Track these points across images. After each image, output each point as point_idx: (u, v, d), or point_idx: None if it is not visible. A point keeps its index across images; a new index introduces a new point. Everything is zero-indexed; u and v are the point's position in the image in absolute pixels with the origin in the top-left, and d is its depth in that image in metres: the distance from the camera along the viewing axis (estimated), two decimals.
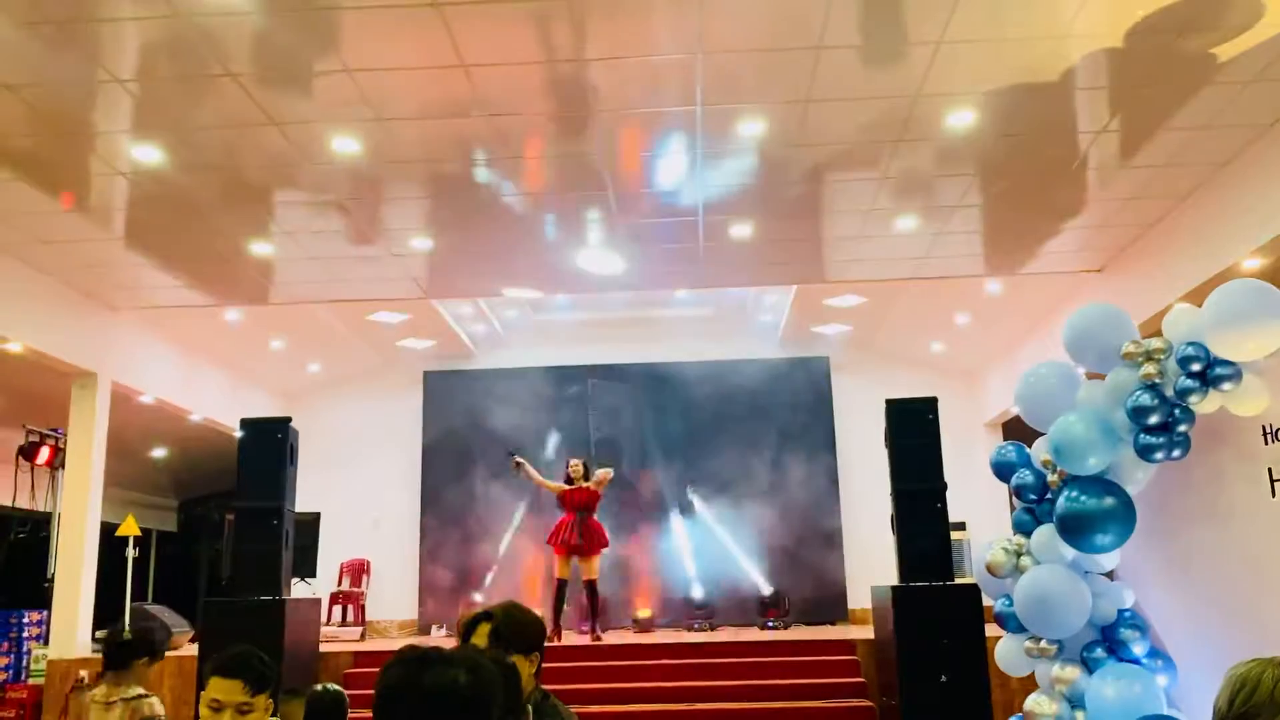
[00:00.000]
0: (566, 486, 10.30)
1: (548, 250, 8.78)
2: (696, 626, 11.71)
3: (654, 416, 13.29)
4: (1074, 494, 4.54)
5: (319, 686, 4.34)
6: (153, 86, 5.79)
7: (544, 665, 2.97)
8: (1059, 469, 4.70)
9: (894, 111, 6.33)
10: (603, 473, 10.42)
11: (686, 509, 12.98)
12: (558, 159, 6.96)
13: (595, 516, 10.25)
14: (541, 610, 11.56)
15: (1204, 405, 4.33)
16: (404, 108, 6.13)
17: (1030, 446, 5.19)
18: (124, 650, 4.84)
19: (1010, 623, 5.07)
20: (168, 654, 8.55)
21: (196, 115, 6.12)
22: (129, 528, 8.46)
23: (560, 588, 10.12)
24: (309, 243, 8.34)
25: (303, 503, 8.87)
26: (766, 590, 12.17)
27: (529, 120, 6.36)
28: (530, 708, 2.78)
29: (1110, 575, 5.02)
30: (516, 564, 12.75)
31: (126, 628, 8.52)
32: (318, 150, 6.64)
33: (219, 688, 2.89)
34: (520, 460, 10.51)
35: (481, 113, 6.18)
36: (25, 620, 9.49)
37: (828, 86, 5.99)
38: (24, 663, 9.30)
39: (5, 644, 9.30)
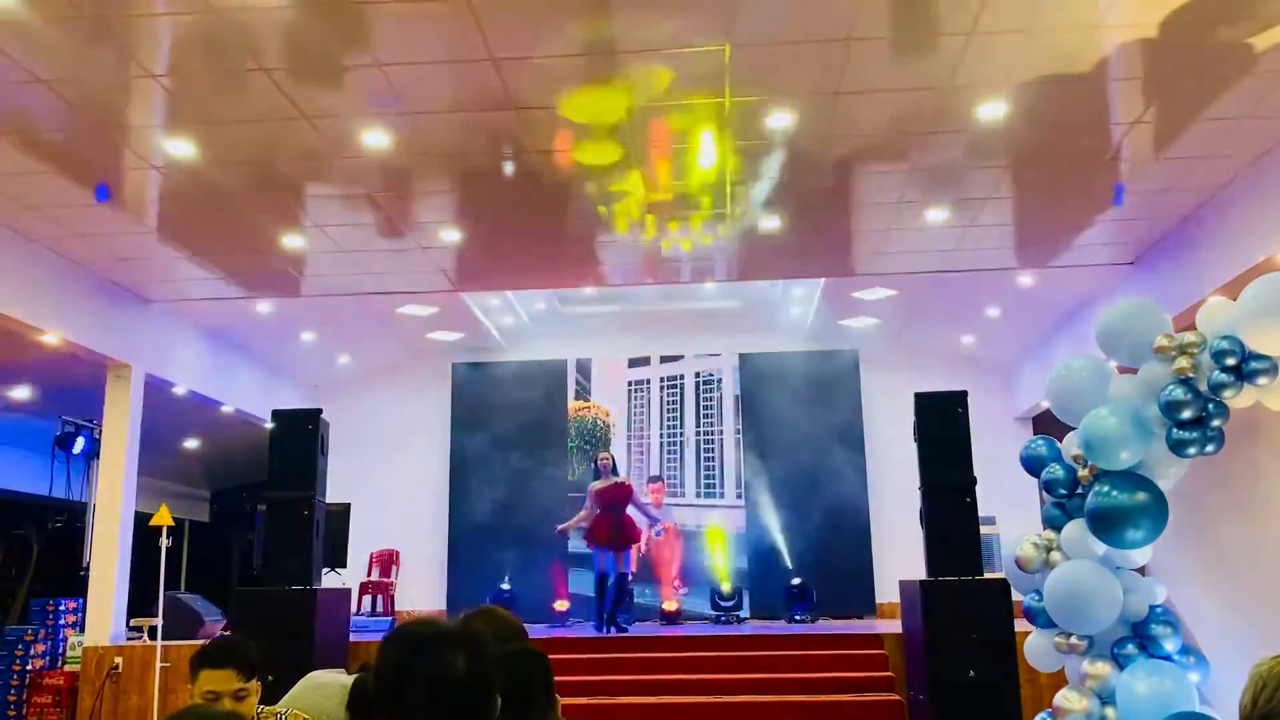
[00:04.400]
0: (597, 485, 10.35)
1: (576, 243, 8.80)
2: (724, 619, 11.72)
3: (681, 409, 13.31)
4: (1105, 489, 4.51)
5: (364, 674, 4.36)
6: (185, 81, 5.85)
7: (573, 657, 2.97)
8: (1090, 464, 4.66)
9: (925, 103, 6.29)
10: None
11: (717, 496, 12.99)
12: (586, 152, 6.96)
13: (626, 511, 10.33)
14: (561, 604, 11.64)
15: (1238, 400, 4.28)
16: (433, 101, 6.16)
17: (1061, 441, 5.16)
18: None
19: (1040, 618, 5.04)
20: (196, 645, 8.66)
21: (229, 109, 6.18)
22: (162, 518, 8.54)
23: (600, 582, 10.14)
24: (339, 236, 8.40)
25: (333, 494, 8.94)
26: (794, 582, 12.14)
27: (558, 113, 6.36)
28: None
29: (1142, 571, 4.98)
30: (544, 554, 12.78)
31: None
32: (348, 144, 6.68)
33: (212, 679, 2.92)
34: (562, 529, 10.88)
35: (510, 106, 6.20)
36: (62, 608, 9.62)
37: (858, 78, 5.96)
38: (60, 650, 9.44)
39: (42, 631, 9.43)
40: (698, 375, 13.51)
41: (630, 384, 13.57)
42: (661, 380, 13.56)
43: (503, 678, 1.67)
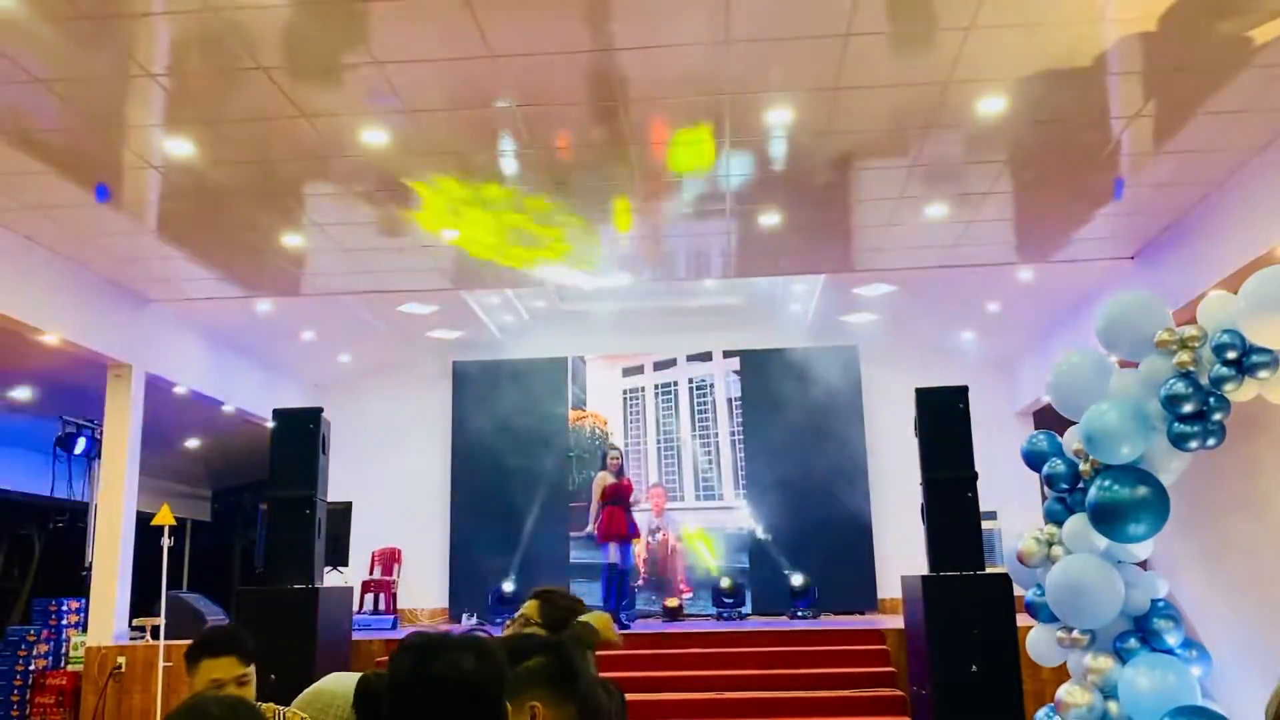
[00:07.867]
0: (610, 479, 10.33)
1: (575, 241, 8.78)
2: (725, 615, 11.72)
3: (676, 414, 13.31)
4: (1106, 483, 4.51)
5: (369, 673, 4.35)
6: (184, 80, 5.84)
7: None
8: (1091, 458, 4.66)
9: (924, 98, 6.28)
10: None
11: (716, 498, 12.99)
12: (585, 149, 6.96)
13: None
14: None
15: (1239, 393, 4.28)
16: (432, 99, 6.16)
17: (1062, 435, 5.15)
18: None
19: (1042, 612, 5.04)
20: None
21: (228, 108, 6.17)
22: (164, 517, 8.55)
23: (609, 572, 10.12)
24: (339, 234, 8.39)
25: (335, 492, 8.94)
26: (796, 579, 12.15)
27: (556, 110, 6.36)
28: None
29: (1143, 565, 4.98)
30: (545, 552, 12.79)
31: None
32: (347, 142, 6.68)
33: (215, 667, 2.92)
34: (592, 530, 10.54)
35: (509, 103, 6.19)
36: (64, 608, 9.64)
37: (857, 73, 5.95)
38: (63, 650, 9.45)
39: (44, 631, 9.44)
40: (691, 381, 13.51)
41: (625, 392, 13.56)
42: (656, 387, 13.55)
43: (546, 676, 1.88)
